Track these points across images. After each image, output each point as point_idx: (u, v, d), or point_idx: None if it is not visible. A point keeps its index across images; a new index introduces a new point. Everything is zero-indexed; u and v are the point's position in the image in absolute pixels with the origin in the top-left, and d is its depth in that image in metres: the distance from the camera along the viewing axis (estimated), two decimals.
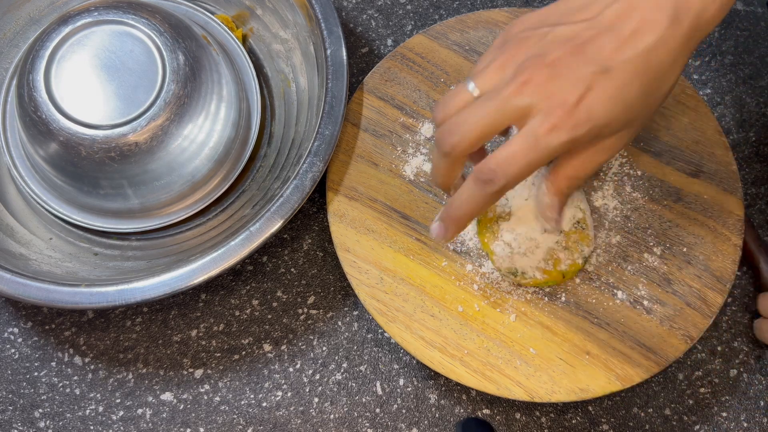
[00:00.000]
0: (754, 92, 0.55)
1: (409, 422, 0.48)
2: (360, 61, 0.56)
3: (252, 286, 0.51)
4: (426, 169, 0.50)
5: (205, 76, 0.47)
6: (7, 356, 0.50)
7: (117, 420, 0.48)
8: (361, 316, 0.50)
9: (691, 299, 0.46)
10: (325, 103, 0.47)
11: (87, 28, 0.46)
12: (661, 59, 0.36)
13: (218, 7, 0.56)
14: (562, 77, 0.36)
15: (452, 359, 0.45)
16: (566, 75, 0.36)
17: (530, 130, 0.36)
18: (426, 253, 0.47)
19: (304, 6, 0.50)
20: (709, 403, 0.48)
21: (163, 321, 0.50)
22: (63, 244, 0.50)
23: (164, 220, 0.50)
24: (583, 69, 0.35)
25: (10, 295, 0.44)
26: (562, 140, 0.36)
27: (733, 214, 0.48)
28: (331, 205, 0.48)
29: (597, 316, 0.46)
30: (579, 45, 0.36)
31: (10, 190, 0.52)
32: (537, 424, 0.48)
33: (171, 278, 0.44)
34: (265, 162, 0.52)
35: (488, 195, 0.37)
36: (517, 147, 0.36)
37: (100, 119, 0.45)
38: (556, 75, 0.36)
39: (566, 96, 0.35)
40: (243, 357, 0.49)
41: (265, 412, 0.48)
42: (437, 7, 0.58)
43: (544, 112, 0.36)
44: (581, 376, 0.44)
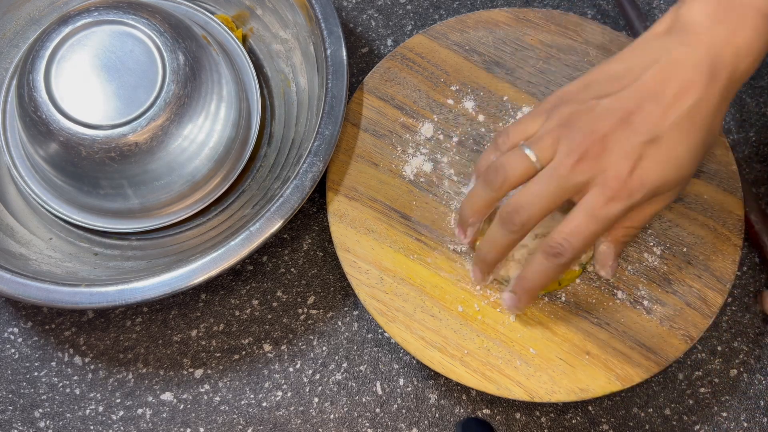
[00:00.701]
0: (754, 92, 0.55)
1: (409, 422, 0.48)
2: (360, 61, 0.56)
3: (252, 286, 0.51)
4: (426, 170, 0.50)
5: (205, 76, 0.47)
6: (7, 356, 0.50)
7: (117, 420, 0.48)
8: (361, 316, 0.50)
9: (691, 299, 0.46)
10: (325, 103, 0.47)
11: (87, 28, 0.46)
12: (704, 116, 0.38)
13: (218, 7, 0.56)
14: (614, 151, 0.38)
15: (452, 359, 0.45)
16: (617, 149, 0.38)
17: (589, 204, 0.39)
18: (426, 253, 0.48)
19: (304, 6, 0.50)
20: (709, 403, 0.48)
21: (163, 321, 0.50)
22: (63, 244, 0.50)
23: (164, 220, 0.50)
24: (633, 140, 0.38)
25: (10, 295, 0.44)
26: (619, 210, 0.38)
27: (733, 214, 0.48)
28: (331, 205, 0.48)
29: (597, 316, 0.46)
30: (625, 117, 0.38)
31: (10, 190, 0.52)
32: (537, 424, 0.48)
33: (171, 278, 0.44)
34: (265, 162, 0.52)
35: (558, 266, 0.40)
36: (579, 221, 0.39)
37: (100, 119, 0.45)
38: (608, 150, 0.38)
39: (619, 169, 0.38)
40: (243, 357, 0.49)
41: (265, 412, 0.48)
42: (437, 7, 0.58)
43: (600, 186, 0.38)
44: (581, 376, 0.44)
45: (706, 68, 0.37)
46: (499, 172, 0.41)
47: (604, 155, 0.38)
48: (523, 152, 0.40)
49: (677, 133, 0.38)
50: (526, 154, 0.40)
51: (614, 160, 0.38)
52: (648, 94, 0.38)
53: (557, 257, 0.40)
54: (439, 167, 0.50)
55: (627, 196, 0.38)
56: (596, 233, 0.39)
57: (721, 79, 0.37)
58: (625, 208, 0.38)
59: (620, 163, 0.38)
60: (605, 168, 0.38)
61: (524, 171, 0.40)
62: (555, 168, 0.39)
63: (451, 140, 0.50)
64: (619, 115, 0.38)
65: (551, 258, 0.40)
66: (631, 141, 0.38)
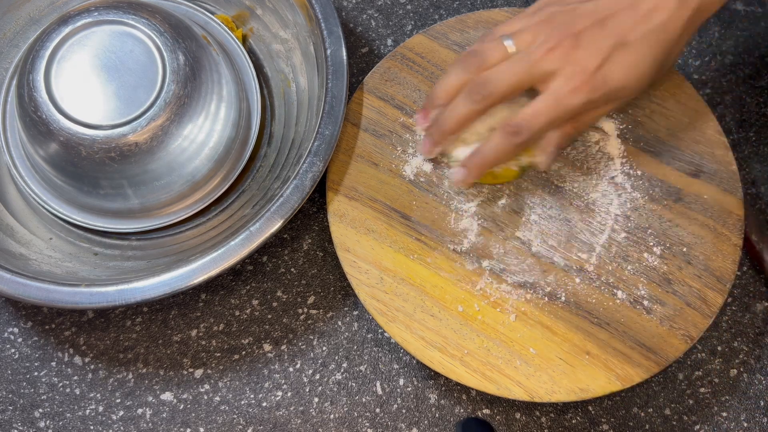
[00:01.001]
0: (754, 92, 0.55)
1: (409, 422, 0.48)
2: (360, 61, 0.56)
3: (252, 286, 0.51)
4: (426, 169, 0.50)
5: (205, 76, 0.47)
6: (7, 356, 0.50)
7: (117, 420, 0.48)
8: (361, 316, 0.50)
9: (691, 299, 0.46)
10: (325, 103, 0.47)
11: (87, 28, 0.46)
12: (670, 35, 0.42)
13: (218, 7, 0.56)
14: (585, 47, 0.41)
15: (452, 359, 0.45)
16: (588, 45, 0.41)
17: (553, 91, 0.42)
18: (426, 253, 0.48)
19: (304, 6, 0.50)
20: (709, 403, 0.48)
21: (163, 321, 0.50)
22: (63, 244, 0.50)
23: (164, 220, 0.50)
24: (604, 41, 0.41)
25: (10, 295, 0.44)
26: (580, 101, 0.42)
27: (733, 214, 0.48)
28: (331, 205, 0.48)
29: (597, 316, 0.46)
30: (601, 19, 0.42)
31: (10, 190, 0.52)
32: (537, 424, 0.48)
33: (171, 278, 0.44)
34: (265, 162, 0.52)
35: (513, 145, 0.43)
36: (541, 105, 0.42)
37: (100, 119, 0.45)
38: (579, 45, 0.42)
39: (587, 63, 0.41)
40: (243, 357, 0.49)
41: (265, 412, 0.48)
42: (437, 7, 0.58)
43: (567, 77, 0.42)
44: (581, 376, 0.44)
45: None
46: (476, 56, 0.44)
47: (575, 49, 0.41)
48: (502, 42, 0.44)
49: (645, 43, 0.42)
50: (505, 45, 0.43)
51: (584, 55, 0.41)
52: (625, 5, 0.42)
53: (515, 135, 0.43)
54: (439, 167, 0.50)
55: (590, 90, 0.42)
56: (554, 120, 0.42)
57: (689, 7, 0.41)
58: (585, 101, 0.42)
59: (589, 59, 0.41)
60: (574, 61, 0.41)
61: (500, 57, 0.43)
62: (528, 53, 0.42)
63: None
64: (596, 18, 0.42)
65: (509, 136, 0.43)
66: (603, 42, 0.41)
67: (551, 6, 0.44)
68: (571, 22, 0.42)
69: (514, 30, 0.44)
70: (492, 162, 0.44)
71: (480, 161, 0.44)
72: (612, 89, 0.42)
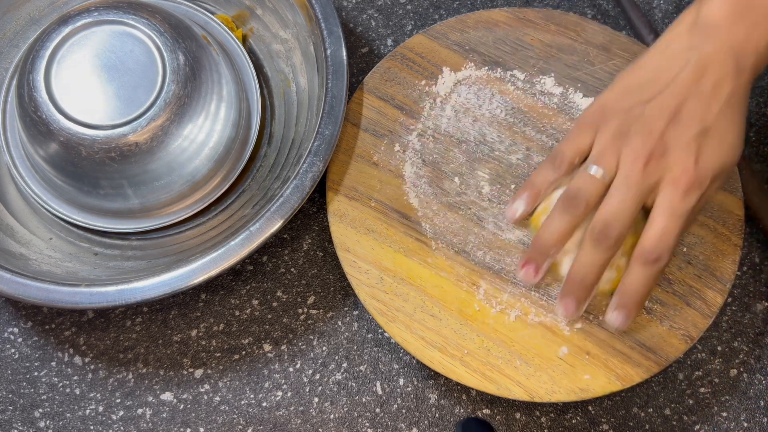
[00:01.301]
0: (754, 92, 0.55)
1: (409, 422, 0.48)
2: (360, 61, 0.56)
3: (252, 286, 0.51)
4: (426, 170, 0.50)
5: (205, 76, 0.47)
6: (7, 356, 0.50)
7: (117, 420, 0.48)
8: (361, 316, 0.50)
9: (691, 299, 0.46)
10: (325, 103, 0.47)
11: (87, 28, 0.46)
12: (739, 103, 0.42)
13: (218, 7, 0.56)
14: (674, 148, 0.41)
15: (452, 359, 0.45)
16: (677, 145, 0.41)
17: (666, 203, 0.41)
18: (426, 253, 0.48)
19: (304, 6, 0.50)
20: (709, 403, 0.48)
21: (163, 321, 0.50)
22: (63, 244, 0.50)
23: (164, 220, 0.50)
24: (688, 134, 0.41)
25: (10, 295, 0.44)
26: (695, 200, 0.41)
27: (733, 214, 0.48)
28: (331, 205, 0.48)
29: (597, 316, 0.46)
30: (674, 115, 0.41)
31: (10, 190, 0.52)
32: (537, 424, 0.48)
33: (171, 278, 0.44)
34: (265, 162, 0.52)
35: (657, 272, 0.42)
36: (665, 222, 0.41)
37: (101, 119, 0.45)
38: (669, 147, 0.41)
39: (686, 162, 0.41)
40: (243, 357, 0.49)
41: (265, 412, 0.48)
42: (437, 7, 0.58)
43: (672, 184, 0.41)
44: (581, 376, 0.44)
45: (732, 63, 0.41)
46: (578, 198, 0.42)
47: (667, 153, 0.41)
48: (589, 173, 0.43)
49: (723, 121, 0.41)
50: (593, 174, 0.42)
51: (678, 156, 0.41)
52: (688, 91, 0.41)
53: (656, 263, 0.41)
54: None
55: (699, 185, 0.41)
56: (682, 229, 0.41)
57: (747, 71, 0.41)
58: (699, 198, 0.41)
59: (684, 158, 0.41)
60: (672, 165, 0.41)
61: (598, 190, 0.42)
62: (626, 176, 0.41)
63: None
64: (668, 115, 0.41)
65: (650, 265, 0.41)
66: (687, 135, 0.41)
67: (612, 117, 0.43)
68: (648, 127, 0.41)
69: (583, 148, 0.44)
70: (645, 295, 0.42)
71: (635, 299, 0.42)
72: (715, 175, 0.41)
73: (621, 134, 0.42)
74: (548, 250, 0.44)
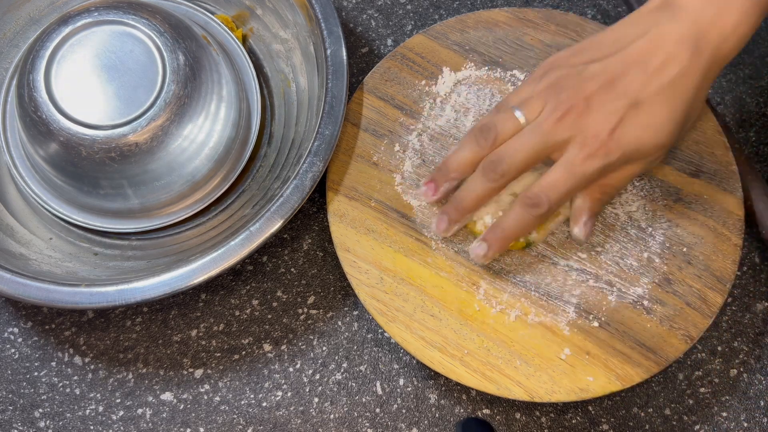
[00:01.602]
0: (754, 92, 0.55)
1: (409, 422, 0.48)
2: (360, 61, 0.56)
3: (252, 286, 0.51)
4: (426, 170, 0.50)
5: (205, 76, 0.47)
6: (7, 356, 0.50)
7: (117, 420, 0.48)
8: (361, 316, 0.50)
9: (691, 299, 0.46)
10: (325, 103, 0.47)
11: (87, 28, 0.46)
12: (685, 88, 0.40)
13: (218, 7, 0.56)
14: (596, 111, 0.40)
15: (452, 359, 0.45)
16: (599, 109, 0.40)
17: (568, 159, 0.41)
18: (426, 253, 0.47)
19: (304, 6, 0.50)
20: (709, 403, 0.48)
21: (163, 321, 0.50)
22: (63, 244, 0.50)
23: (164, 220, 0.50)
24: (615, 102, 0.40)
25: (10, 295, 0.44)
26: (595, 167, 0.41)
27: (733, 214, 0.48)
28: (331, 205, 0.48)
29: (597, 316, 0.46)
30: (610, 80, 0.40)
31: (10, 190, 0.52)
32: (537, 424, 0.48)
33: (171, 278, 0.44)
34: (265, 162, 0.52)
35: (534, 217, 0.42)
36: (558, 175, 0.41)
37: (101, 119, 0.45)
38: (590, 109, 0.40)
39: (599, 129, 0.40)
40: (243, 357, 0.49)
41: (265, 412, 0.48)
42: (437, 7, 0.58)
43: (580, 144, 0.40)
44: (581, 376, 0.44)
45: (690, 44, 0.39)
46: (490, 130, 0.43)
47: (585, 114, 0.40)
48: (512, 113, 0.43)
49: (658, 100, 0.40)
50: (515, 115, 0.43)
51: (595, 120, 0.40)
52: (634, 61, 0.40)
53: (534, 208, 0.42)
54: None
55: (604, 154, 0.40)
56: (573, 188, 0.41)
57: (705, 56, 0.40)
58: (601, 167, 0.40)
59: (601, 123, 0.40)
60: (586, 126, 0.40)
61: (512, 129, 0.43)
62: (539, 123, 0.42)
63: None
64: (605, 79, 0.40)
65: (528, 209, 0.42)
66: (614, 103, 0.40)
67: (557, 69, 0.43)
68: (579, 86, 0.41)
69: (523, 98, 0.43)
70: (513, 236, 0.44)
71: (501, 235, 0.44)
72: (628, 151, 0.40)
73: (554, 86, 0.42)
74: (449, 174, 0.45)
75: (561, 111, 0.41)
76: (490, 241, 0.44)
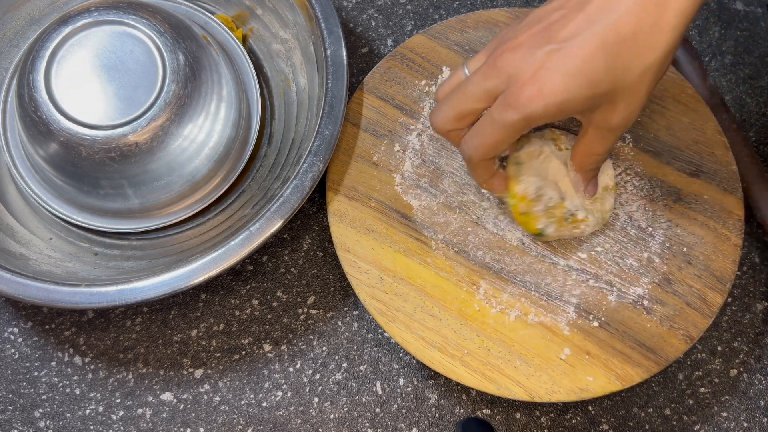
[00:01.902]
0: (754, 92, 0.55)
1: (409, 422, 0.48)
2: (360, 61, 0.56)
3: (252, 286, 0.51)
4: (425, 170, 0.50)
5: (205, 76, 0.47)
6: (7, 356, 0.50)
7: (117, 420, 0.48)
8: (361, 316, 0.50)
9: (691, 299, 0.46)
10: (325, 103, 0.47)
11: (87, 28, 0.46)
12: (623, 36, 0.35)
13: (218, 7, 0.56)
14: (520, 58, 0.37)
15: (452, 359, 0.45)
16: (523, 56, 0.37)
17: (492, 109, 0.38)
18: (426, 253, 0.48)
19: (304, 6, 0.50)
20: (709, 403, 0.48)
21: (163, 321, 0.50)
22: (63, 244, 0.50)
23: (164, 220, 0.50)
24: (540, 49, 0.36)
25: (10, 295, 0.44)
26: (514, 118, 0.37)
27: (733, 214, 0.48)
28: (331, 205, 0.48)
29: (597, 316, 0.46)
30: (545, 27, 0.37)
31: (10, 190, 0.52)
32: (537, 424, 0.48)
33: (171, 278, 0.44)
34: (265, 162, 0.52)
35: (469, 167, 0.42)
36: (480, 126, 0.40)
37: (101, 119, 0.45)
38: (516, 57, 0.37)
39: (520, 76, 0.36)
40: (243, 357, 0.49)
41: (265, 412, 0.48)
42: (437, 7, 0.58)
43: (504, 94, 0.37)
44: (581, 376, 0.44)
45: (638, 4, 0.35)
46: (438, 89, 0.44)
47: (511, 62, 0.37)
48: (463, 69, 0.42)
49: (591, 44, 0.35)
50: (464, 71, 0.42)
51: (518, 67, 0.37)
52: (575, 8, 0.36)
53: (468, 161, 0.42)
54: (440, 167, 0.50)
55: (523, 105, 0.36)
56: (498, 142, 0.39)
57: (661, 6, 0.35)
58: (520, 118, 0.37)
59: (523, 70, 0.36)
60: (511, 75, 0.37)
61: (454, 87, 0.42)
62: (471, 75, 0.40)
63: None
64: (540, 26, 0.37)
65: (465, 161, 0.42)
66: (539, 50, 0.36)
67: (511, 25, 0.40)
68: (514, 37, 0.38)
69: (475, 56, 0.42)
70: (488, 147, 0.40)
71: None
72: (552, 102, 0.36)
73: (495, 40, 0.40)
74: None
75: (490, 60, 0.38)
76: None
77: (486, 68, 0.38)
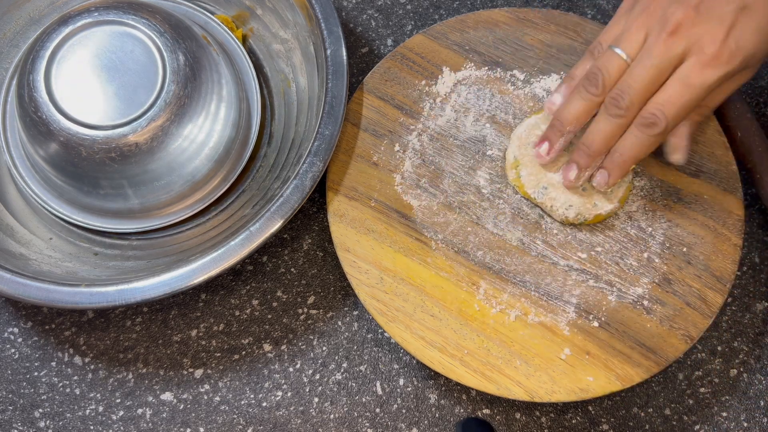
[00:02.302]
0: (754, 92, 0.55)
1: (409, 422, 0.48)
2: (360, 61, 0.56)
3: (252, 286, 0.51)
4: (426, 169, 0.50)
5: (205, 76, 0.47)
6: (7, 356, 0.50)
7: (117, 420, 0.48)
8: (361, 316, 0.50)
9: (691, 299, 0.46)
10: (325, 103, 0.47)
11: (87, 28, 0.46)
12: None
13: (218, 7, 0.56)
14: (708, 18, 0.38)
15: (452, 359, 0.45)
16: (710, 16, 0.38)
17: (684, 72, 0.39)
18: (426, 253, 0.48)
19: (304, 6, 0.50)
20: (709, 403, 0.48)
21: (163, 321, 0.50)
22: (63, 244, 0.50)
23: (164, 220, 0.50)
24: (725, 7, 0.38)
25: (10, 295, 0.44)
26: (715, 77, 0.39)
27: (733, 214, 0.48)
28: (331, 205, 0.48)
29: (597, 316, 0.46)
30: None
31: (10, 190, 0.52)
32: (537, 424, 0.48)
33: (171, 278, 0.44)
34: (265, 162, 0.52)
35: (652, 137, 0.41)
36: (674, 89, 0.39)
37: (101, 120, 0.45)
38: (701, 17, 0.38)
39: (714, 35, 0.38)
40: (243, 357, 0.49)
41: (265, 412, 0.48)
42: (437, 7, 0.58)
43: (696, 54, 0.38)
44: (581, 376, 0.44)
45: None
46: (596, 76, 0.42)
47: (697, 23, 0.39)
48: (612, 51, 0.41)
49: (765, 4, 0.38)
50: (617, 53, 0.41)
51: (708, 27, 0.38)
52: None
53: (651, 127, 0.40)
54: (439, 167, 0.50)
55: (725, 62, 0.38)
56: (691, 103, 0.40)
57: None
58: (721, 76, 0.39)
59: (715, 29, 0.38)
60: (700, 36, 0.38)
61: (618, 68, 0.41)
62: (649, 47, 0.40)
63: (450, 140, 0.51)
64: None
65: (645, 129, 0.41)
66: (724, 8, 0.38)
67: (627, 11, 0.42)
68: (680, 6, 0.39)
69: (617, 34, 0.42)
70: (634, 158, 0.42)
71: (621, 160, 0.43)
72: (746, 56, 0.38)
73: (648, 12, 0.41)
74: (565, 128, 0.44)
75: (670, 26, 0.39)
76: (609, 167, 0.43)
77: (669, 35, 0.39)
